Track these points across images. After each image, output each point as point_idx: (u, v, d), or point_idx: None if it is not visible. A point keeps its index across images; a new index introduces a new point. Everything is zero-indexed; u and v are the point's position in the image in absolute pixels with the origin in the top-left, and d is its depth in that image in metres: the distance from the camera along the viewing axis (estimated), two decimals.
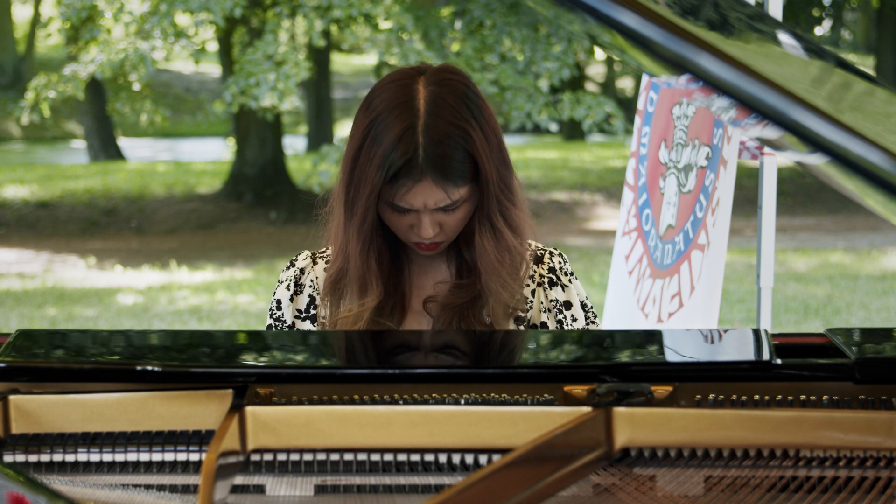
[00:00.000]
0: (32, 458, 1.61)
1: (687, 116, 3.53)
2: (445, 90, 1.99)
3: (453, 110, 1.97)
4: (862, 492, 1.50)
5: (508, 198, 2.07)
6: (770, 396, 1.65)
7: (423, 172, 1.95)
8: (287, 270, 2.20)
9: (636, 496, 1.49)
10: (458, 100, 1.99)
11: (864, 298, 9.32)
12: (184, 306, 9.51)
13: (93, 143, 20.64)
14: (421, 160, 1.95)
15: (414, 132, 1.95)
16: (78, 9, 11.27)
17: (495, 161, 2.02)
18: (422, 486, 1.56)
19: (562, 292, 2.18)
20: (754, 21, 1.69)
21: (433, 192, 1.97)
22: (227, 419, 1.53)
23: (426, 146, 1.95)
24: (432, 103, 1.97)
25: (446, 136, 1.96)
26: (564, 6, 1.45)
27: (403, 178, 1.96)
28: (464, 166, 1.98)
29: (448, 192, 1.98)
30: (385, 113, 1.97)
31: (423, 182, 1.96)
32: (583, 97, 12.02)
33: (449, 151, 1.96)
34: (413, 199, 1.98)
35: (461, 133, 1.97)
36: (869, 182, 1.42)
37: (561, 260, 2.21)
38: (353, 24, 11.90)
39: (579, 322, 2.17)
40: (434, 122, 1.96)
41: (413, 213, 2.01)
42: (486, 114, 2.01)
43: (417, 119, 1.96)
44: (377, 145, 1.96)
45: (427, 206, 1.99)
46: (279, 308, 2.17)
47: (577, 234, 13.63)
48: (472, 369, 1.76)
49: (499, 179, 2.03)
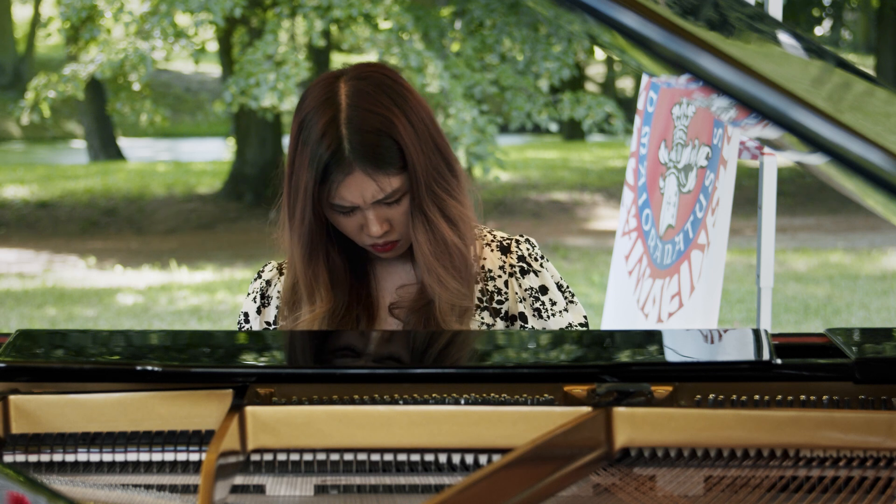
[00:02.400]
0: (32, 459, 1.61)
1: (687, 116, 3.53)
2: (365, 82, 2.00)
3: (374, 99, 1.98)
4: (862, 492, 1.50)
5: (443, 188, 2.04)
6: (770, 396, 1.65)
7: (351, 164, 1.96)
8: (254, 282, 2.21)
9: (636, 496, 1.49)
10: (378, 90, 1.99)
11: (864, 298, 9.32)
12: (184, 306, 9.51)
13: (93, 143, 20.64)
14: (347, 152, 1.95)
15: (337, 125, 1.96)
16: (78, 9, 11.27)
17: (424, 149, 2.00)
18: (422, 486, 1.56)
19: (535, 278, 2.15)
20: (754, 21, 1.69)
21: (366, 184, 1.97)
22: (227, 419, 1.53)
23: (350, 137, 1.96)
24: (353, 96, 1.98)
25: (368, 125, 1.96)
26: (564, 6, 1.45)
27: (334, 173, 1.96)
28: (391, 154, 1.97)
29: (380, 182, 1.97)
30: (310, 113, 1.99)
31: (353, 174, 1.96)
32: (583, 97, 12.02)
33: (373, 139, 1.96)
34: (348, 194, 1.98)
35: (383, 121, 1.97)
36: (869, 182, 1.42)
37: (529, 246, 2.18)
38: (353, 24, 11.89)
39: (559, 305, 2.15)
40: (355, 112, 1.97)
41: (357, 211, 2.01)
42: (411, 103, 2.01)
43: (339, 112, 1.97)
44: (306, 146, 1.98)
45: (365, 200, 1.98)
46: (247, 321, 2.18)
47: (577, 234, 13.63)
48: (472, 369, 1.76)
49: (430, 168, 2.01)
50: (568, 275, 10.48)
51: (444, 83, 10.79)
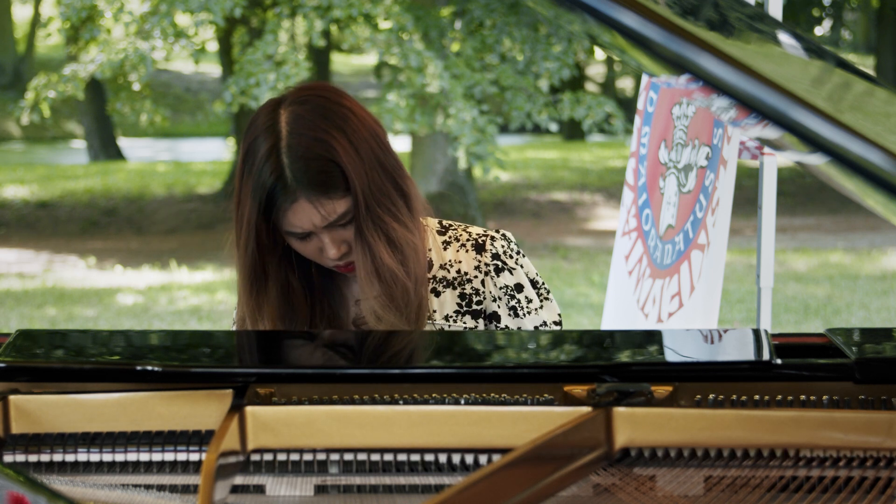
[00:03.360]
0: (32, 459, 1.61)
1: (687, 116, 3.53)
2: (303, 107, 1.97)
3: (311, 124, 1.95)
4: (862, 492, 1.50)
5: (388, 210, 2.00)
6: (770, 396, 1.65)
7: (295, 192, 1.94)
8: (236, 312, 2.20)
9: (636, 496, 1.49)
10: (315, 113, 1.97)
11: (864, 298, 9.32)
12: (184, 306, 9.51)
13: (93, 143, 20.65)
14: (290, 180, 1.93)
15: (278, 153, 1.94)
16: (78, 9, 11.26)
17: (367, 170, 1.97)
18: (422, 486, 1.56)
19: (510, 276, 2.12)
20: (754, 21, 1.69)
21: (312, 211, 1.95)
22: (227, 419, 1.53)
23: (291, 165, 1.93)
24: (292, 122, 1.96)
25: (307, 151, 1.94)
26: (564, 6, 1.45)
27: (279, 201, 1.94)
28: (334, 178, 1.94)
29: (325, 207, 1.95)
30: (253, 142, 1.98)
31: (298, 202, 1.94)
32: (583, 97, 12.01)
33: (314, 165, 1.93)
34: (298, 221, 1.96)
35: (322, 145, 1.94)
36: (869, 182, 1.42)
37: (504, 242, 2.14)
38: (353, 24, 11.89)
39: (534, 303, 2.12)
40: (294, 140, 1.94)
41: (312, 235, 1.99)
42: (352, 123, 1.97)
43: (280, 140, 1.95)
44: (250, 175, 1.96)
45: (315, 225, 1.96)
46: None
47: (577, 234, 13.63)
48: (472, 369, 1.76)
49: (374, 189, 1.97)
50: (568, 275, 10.48)
51: (444, 83, 10.79)
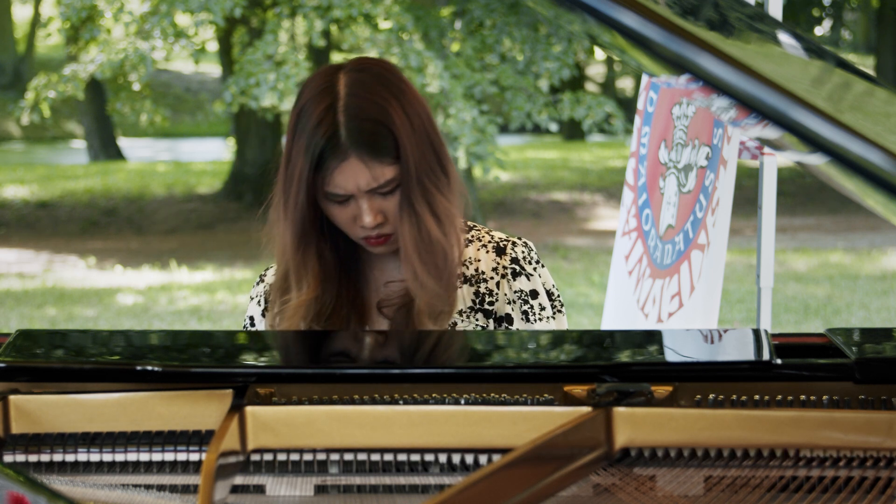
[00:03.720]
0: (32, 459, 1.61)
1: (687, 116, 3.53)
2: (364, 74, 2.03)
3: (371, 89, 2.00)
4: (862, 492, 1.50)
5: (434, 183, 2.04)
6: (770, 396, 1.65)
7: (346, 150, 1.97)
8: (257, 286, 2.22)
9: (636, 496, 1.49)
10: (376, 80, 2.02)
11: (864, 298, 9.32)
12: (184, 306, 9.51)
13: (93, 143, 20.64)
14: (343, 138, 1.97)
15: (334, 112, 1.98)
16: (78, 9, 11.27)
17: (419, 143, 2.02)
18: (422, 486, 1.56)
19: (527, 281, 2.14)
20: (754, 21, 1.69)
21: (360, 171, 1.98)
22: (227, 419, 1.53)
23: (346, 123, 1.97)
24: (351, 85, 2.00)
25: (365, 113, 1.98)
26: (564, 6, 1.45)
27: (329, 159, 1.97)
28: (387, 143, 1.99)
29: (374, 170, 1.98)
30: (308, 102, 2.01)
31: (348, 160, 1.97)
32: (583, 97, 12.02)
33: (369, 126, 1.98)
34: (342, 181, 1.99)
35: (380, 109, 1.99)
36: (869, 182, 1.42)
37: (525, 249, 2.16)
38: (353, 24, 11.89)
39: (547, 311, 2.14)
40: (352, 100, 1.99)
41: (351, 201, 2.01)
42: (408, 96, 2.03)
43: (338, 100, 1.99)
44: (303, 133, 2.00)
45: (360, 188, 1.99)
46: (252, 325, 2.19)
47: (577, 234, 13.63)
48: (472, 369, 1.76)
49: (423, 162, 2.02)
50: (568, 275, 10.47)
51: (444, 83, 10.79)
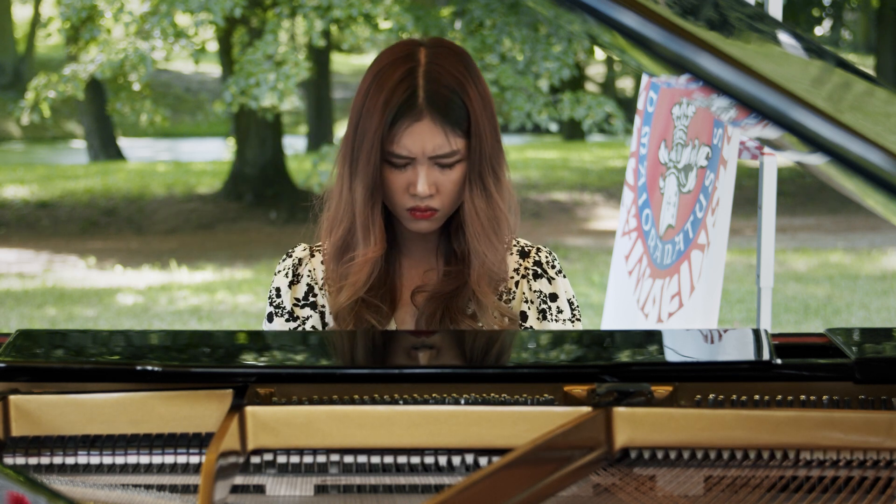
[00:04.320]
0: (32, 459, 1.61)
1: (687, 116, 3.53)
2: (444, 50, 2.09)
3: (451, 64, 2.06)
4: (862, 492, 1.50)
5: (497, 165, 2.11)
6: (770, 396, 1.65)
7: (421, 111, 2.02)
8: (284, 261, 2.23)
9: (636, 496, 1.49)
10: (455, 57, 2.08)
11: (864, 298, 9.32)
12: (184, 306, 9.51)
13: (93, 143, 20.64)
14: (420, 99, 2.02)
15: (414, 75, 2.04)
16: (78, 9, 11.27)
17: (488, 123, 2.08)
18: (422, 486, 1.56)
19: (548, 284, 2.19)
20: (754, 21, 1.69)
21: (431, 134, 2.02)
22: (227, 419, 1.53)
23: (425, 86, 2.03)
24: (432, 56, 2.07)
25: (444, 80, 2.04)
26: (564, 6, 1.45)
27: (403, 117, 2.02)
28: (460, 114, 2.04)
29: (444, 136, 2.03)
30: (387, 66, 2.06)
31: (421, 121, 2.02)
32: (583, 97, 12.01)
33: (447, 94, 2.03)
34: (410, 142, 2.02)
35: (457, 82, 2.05)
36: (869, 182, 1.42)
37: (549, 256, 2.22)
38: (353, 24, 11.89)
39: (564, 314, 2.17)
40: (433, 67, 2.05)
41: (409, 168, 2.05)
42: (481, 79, 2.10)
43: (418, 66, 2.05)
44: (380, 91, 2.04)
45: (424, 152, 2.03)
46: (278, 296, 2.19)
47: (577, 234, 13.63)
48: (472, 369, 1.76)
49: (490, 139, 2.08)
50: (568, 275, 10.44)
51: None
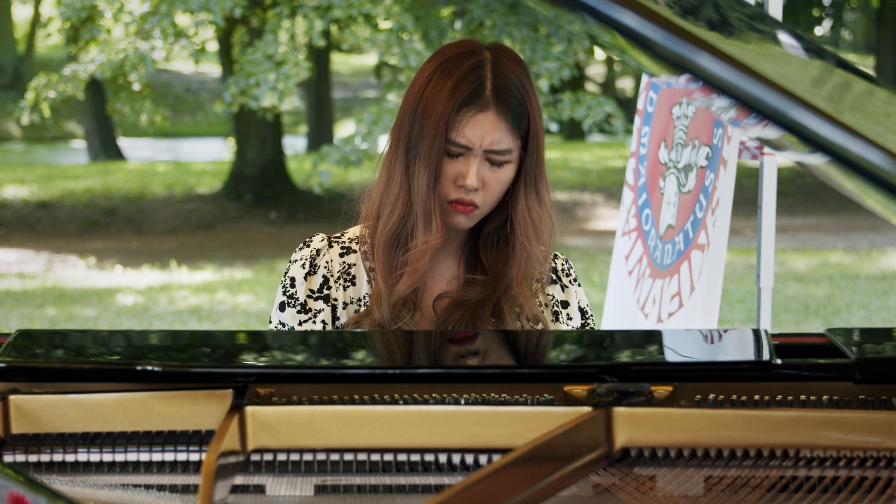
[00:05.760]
0: (32, 459, 1.61)
1: (687, 116, 3.53)
2: (510, 53, 2.12)
3: (517, 68, 2.10)
4: (862, 492, 1.50)
5: (543, 173, 2.14)
6: (770, 396, 1.65)
7: (488, 103, 2.05)
8: (301, 250, 2.19)
9: (636, 496, 1.49)
10: (519, 64, 2.12)
11: (864, 298, 9.32)
12: (184, 306, 9.51)
13: (93, 143, 20.64)
14: (488, 91, 2.05)
15: (483, 68, 2.07)
16: (78, 9, 11.27)
17: (540, 132, 2.11)
18: (422, 486, 1.56)
19: (560, 291, 2.20)
20: (754, 21, 1.69)
21: (494, 127, 2.04)
22: (227, 419, 1.53)
23: (493, 80, 2.06)
24: (498, 56, 2.10)
25: (511, 81, 2.07)
26: (564, 6, 1.45)
27: (469, 105, 2.04)
28: (521, 115, 2.07)
29: (507, 131, 2.05)
30: (454, 56, 2.09)
31: (487, 112, 2.04)
32: (583, 97, 12.01)
33: (513, 91, 2.07)
34: (470, 131, 2.04)
35: (522, 86, 2.08)
36: (869, 182, 1.42)
37: (565, 264, 2.24)
38: (353, 24, 11.90)
39: (574, 321, 2.19)
40: (500, 66, 2.08)
41: (462, 158, 2.06)
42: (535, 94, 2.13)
43: (486, 62, 2.08)
44: (446, 78, 2.06)
45: (483, 144, 2.05)
46: (293, 286, 2.16)
47: (577, 234, 13.63)
48: (472, 369, 1.76)
49: (540, 150, 2.12)
50: None
51: None
